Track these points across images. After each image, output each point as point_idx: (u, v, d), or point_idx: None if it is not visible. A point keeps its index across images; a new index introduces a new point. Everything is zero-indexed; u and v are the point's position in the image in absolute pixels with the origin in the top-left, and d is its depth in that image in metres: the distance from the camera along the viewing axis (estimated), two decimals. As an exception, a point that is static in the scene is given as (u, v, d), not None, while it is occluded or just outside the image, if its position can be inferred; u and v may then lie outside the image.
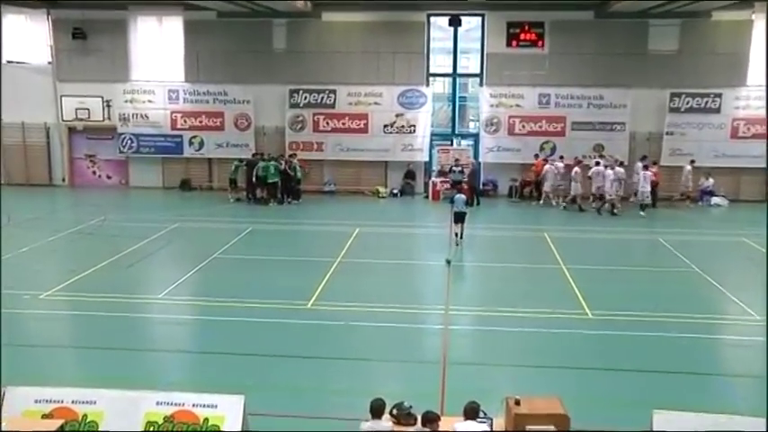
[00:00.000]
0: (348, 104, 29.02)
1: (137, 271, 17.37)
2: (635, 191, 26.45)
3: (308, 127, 29.25)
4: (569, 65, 27.98)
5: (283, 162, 27.55)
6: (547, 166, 27.19)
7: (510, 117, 28.66)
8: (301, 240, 21.72)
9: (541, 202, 27.33)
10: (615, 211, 25.09)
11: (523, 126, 28.71)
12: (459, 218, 19.89)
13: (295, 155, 28.54)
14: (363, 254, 19.04)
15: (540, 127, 28.58)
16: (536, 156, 28.18)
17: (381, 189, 29.29)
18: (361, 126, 29.12)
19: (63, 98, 29.95)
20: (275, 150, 28.96)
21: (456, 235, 20.25)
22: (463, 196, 20.77)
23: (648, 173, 25.61)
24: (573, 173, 26.54)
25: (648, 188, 25.39)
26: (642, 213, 24.79)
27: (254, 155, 28.36)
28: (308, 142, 29.34)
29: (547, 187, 27.16)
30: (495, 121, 28.78)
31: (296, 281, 16.17)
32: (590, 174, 26.34)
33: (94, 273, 16.77)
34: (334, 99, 29.05)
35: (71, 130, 30.80)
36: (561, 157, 27.87)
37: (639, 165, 26.38)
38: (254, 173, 27.26)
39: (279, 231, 22.64)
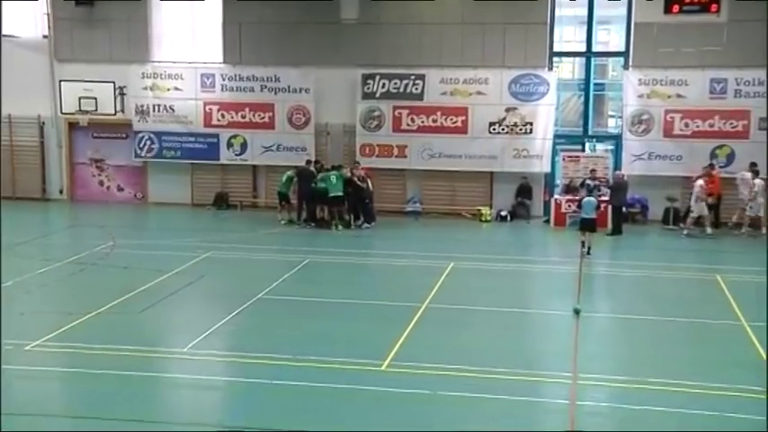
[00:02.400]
0: (441, 95, 29.70)
1: (154, 315, 17.56)
2: None
3: (387, 125, 30.15)
4: (756, 37, 27.40)
5: (349, 170, 27.96)
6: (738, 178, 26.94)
7: (667, 112, 28.55)
8: (375, 278, 21.94)
9: (709, 230, 26.96)
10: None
11: (686, 125, 28.54)
12: (588, 225, 20.20)
13: (358, 163, 28.89)
14: (459, 298, 19.08)
15: (712, 126, 28.27)
16: (710, 165, 27.76)
17: (485, 210, 29.75)
18: (459, 124, 29.70)
19: (62, 84, 31.03)
20: (340, 156, 29.67)
21: (583, 245, 20.32)
22: (593, 200, 21.32)
23: None
24: (753, 187, 26.20)
25: None
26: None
27: (308, 162, 28.82)
28: (386, 146, 30.18)
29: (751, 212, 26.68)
30: (644, 117, 28.70)
31: (367, 333, 16.34)
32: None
33: (98, 317, 16.99)
34: (423, 87, 29.74)
35: (72, 127, 32.06)
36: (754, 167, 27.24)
37: None
38: (312, 185, 27.79)
39: (345, 265, 22.88)
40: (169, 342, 16.04)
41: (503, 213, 29.77)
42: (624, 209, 28.21)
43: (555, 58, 29.79)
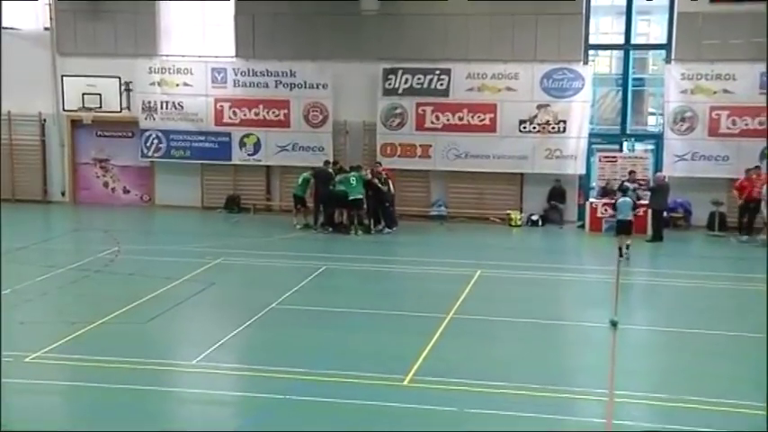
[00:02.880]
0: (468, 91, 29.82)
1: (161, 326, 17.64)
2: None
3: (410, 123, 30.29)
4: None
5: (369, 171, 28.30)
6: None
7: (712, 109, 28.51)
8: (396, 287, 21.96)
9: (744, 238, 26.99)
10: None
11: (734, 122, 28.47)
12: (624, 228, 20.85)
13: (379, 164, 28.91)
14: (486, 308, 19.14)
15: (762, 123, 28.14)
16: (756, 168, 27.61)
17: (514, 214, 29.90)
18: (487, 122, 29.82)
19: (65, 79, 31.30)
20: (360, 156, 29.78)
21: (620, 252, 20.86)
22: (629, 199, 21.81)
23: None
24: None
25: None
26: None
27: (325, 163, 28.90)
28: (409, 145, 30.31)
29: None
30: (688, 114, 28.67)
31: (388, 345, 16.40)
32: None
33: (102, 327, 17.07)
34: (448, 83, 29.89)
35: (75, 125, 32.38)
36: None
37: None
38: (329, 187, 28.11)
39: (364, 273, 23.03)
40: (177, 354, 16.05)
41: (534, 218, 29.84)
42: (665, 214, 28.11)
43: (591, 52, 29.80)
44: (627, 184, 27.59)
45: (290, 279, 21.21)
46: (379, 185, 28.05)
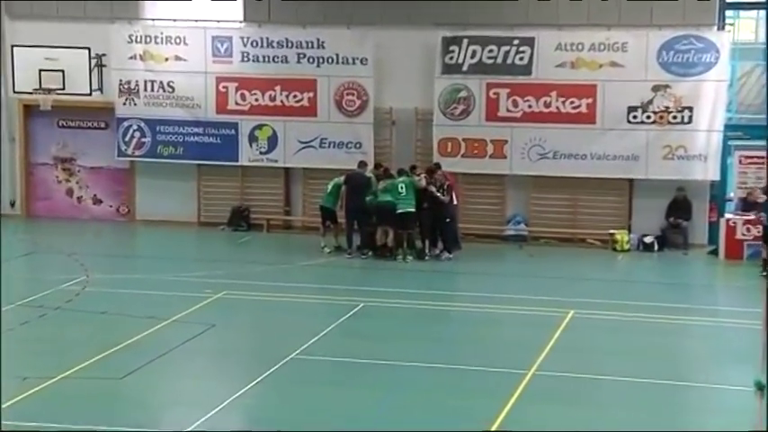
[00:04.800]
0: (557, 67, 30.14)
1: (143, 382, 17.54)
2: None
3: (478, 111, 30.56)
4: None
5: (423, 176, 28.11)
6: None
7: None
8: (459, 332, 21.84)
9: None
10: None
11: None
12: None
13: (438, 166, 28.70)
14: (582, 363, 19.01)
15: None
16: None
17: (621, 235, 30.04)
18: (583, 110, 30.16)
19: (15, 50, 31.92)
20: (411, 155, 29.99)
21: None
22: None
23: None
24: None
25: None
26: None
27: (361, 165, 29.03)
28: (476, 141, 30.66)
29: None
30: None
31: (447, 411, 16.19)
32: None
33: (64, 384, 16.99)
34: (531, 57, 30.18)
35: (30, 111, 32.73)
36: None
37: None
38: (369, 197, 28.32)
39: (415, 313, 23.04)
40: (164, 420, 15.94)
41: (647, 240, 29.97)
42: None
43: (728, 12, 29.90)
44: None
45: (316, 320, 21.30)
46: (437, 195, 27.97)
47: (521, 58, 30.07)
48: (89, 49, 31.39)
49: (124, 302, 22.40)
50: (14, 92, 31.99)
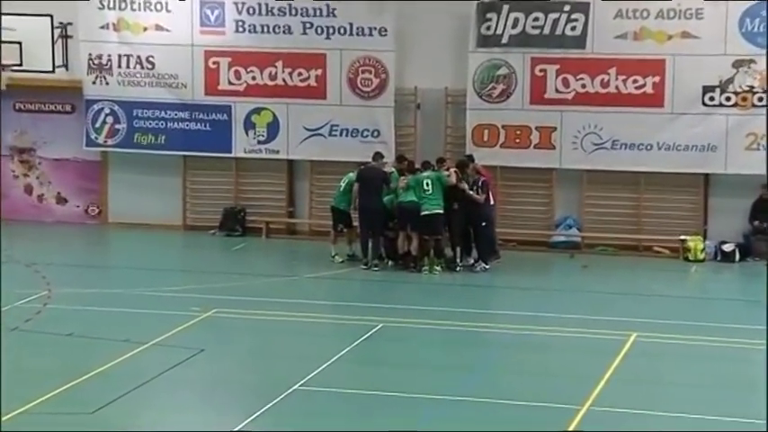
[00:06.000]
0: (618, 38, 28.85)
1: (118, 417, 16.44)
2: None
3: (521, 92, 29.39)
4: None
5: (453, 171, 27.35)
6: None
7: None
8: (496, 358, 21.12)
9: None
10: None
11: None
12: None
13: (471, 159, 28.18)
14: (646, 397, 17.88)
15: None
16: None
17: (694, 242, 29.07)
18: (649, 90, 28.96)
19: (-34, 20, 30.65)
20: (441, 145, 29.80)
21: None
22: None
23: None
24: None
25: None
26: None
27: (376, 156, 28.23)
28: (518, 128, 29.61)
29: None
30: None
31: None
32: None
33: (23, 419, 15.93)
34: (584, 27, 29.00)
35: (-18, 91, 31.91)
36: None
37: None
38: (389, 196, 27.64)
39: (444, 335, 22.17)
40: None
41: (726, 248, 28.88)
42: None
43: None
44: None
45: (326, 344, 20.56)
46: (471, 193, 26.80)
47: (572, 28, 28.74)
48: (51, 16, 30.14)
49: (94, 322, 21.65)
50: (-37, 69, 31.66)
